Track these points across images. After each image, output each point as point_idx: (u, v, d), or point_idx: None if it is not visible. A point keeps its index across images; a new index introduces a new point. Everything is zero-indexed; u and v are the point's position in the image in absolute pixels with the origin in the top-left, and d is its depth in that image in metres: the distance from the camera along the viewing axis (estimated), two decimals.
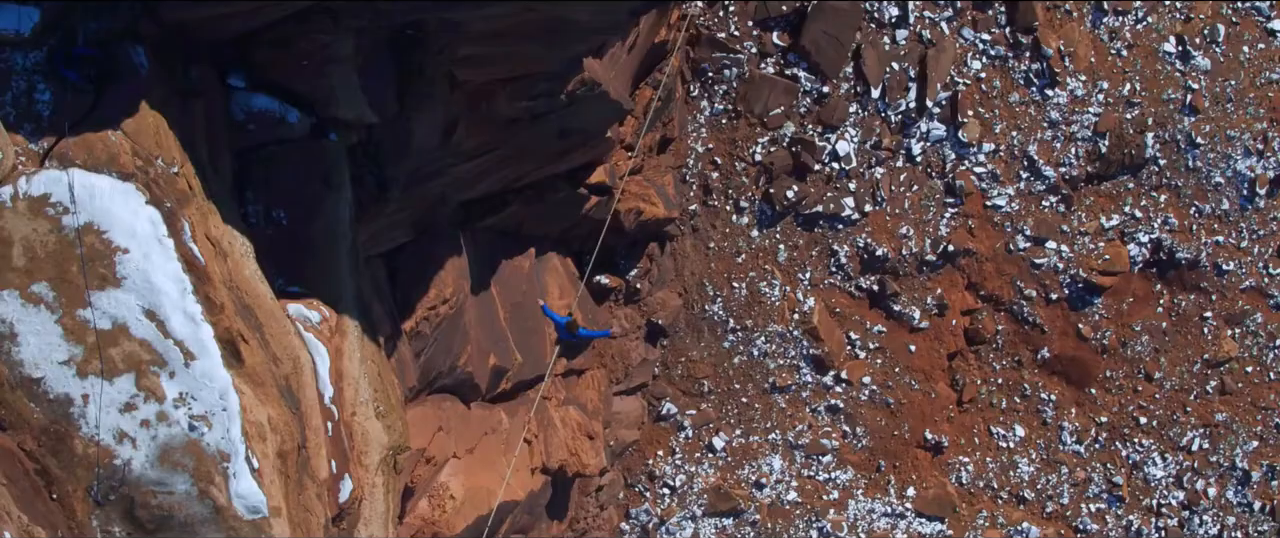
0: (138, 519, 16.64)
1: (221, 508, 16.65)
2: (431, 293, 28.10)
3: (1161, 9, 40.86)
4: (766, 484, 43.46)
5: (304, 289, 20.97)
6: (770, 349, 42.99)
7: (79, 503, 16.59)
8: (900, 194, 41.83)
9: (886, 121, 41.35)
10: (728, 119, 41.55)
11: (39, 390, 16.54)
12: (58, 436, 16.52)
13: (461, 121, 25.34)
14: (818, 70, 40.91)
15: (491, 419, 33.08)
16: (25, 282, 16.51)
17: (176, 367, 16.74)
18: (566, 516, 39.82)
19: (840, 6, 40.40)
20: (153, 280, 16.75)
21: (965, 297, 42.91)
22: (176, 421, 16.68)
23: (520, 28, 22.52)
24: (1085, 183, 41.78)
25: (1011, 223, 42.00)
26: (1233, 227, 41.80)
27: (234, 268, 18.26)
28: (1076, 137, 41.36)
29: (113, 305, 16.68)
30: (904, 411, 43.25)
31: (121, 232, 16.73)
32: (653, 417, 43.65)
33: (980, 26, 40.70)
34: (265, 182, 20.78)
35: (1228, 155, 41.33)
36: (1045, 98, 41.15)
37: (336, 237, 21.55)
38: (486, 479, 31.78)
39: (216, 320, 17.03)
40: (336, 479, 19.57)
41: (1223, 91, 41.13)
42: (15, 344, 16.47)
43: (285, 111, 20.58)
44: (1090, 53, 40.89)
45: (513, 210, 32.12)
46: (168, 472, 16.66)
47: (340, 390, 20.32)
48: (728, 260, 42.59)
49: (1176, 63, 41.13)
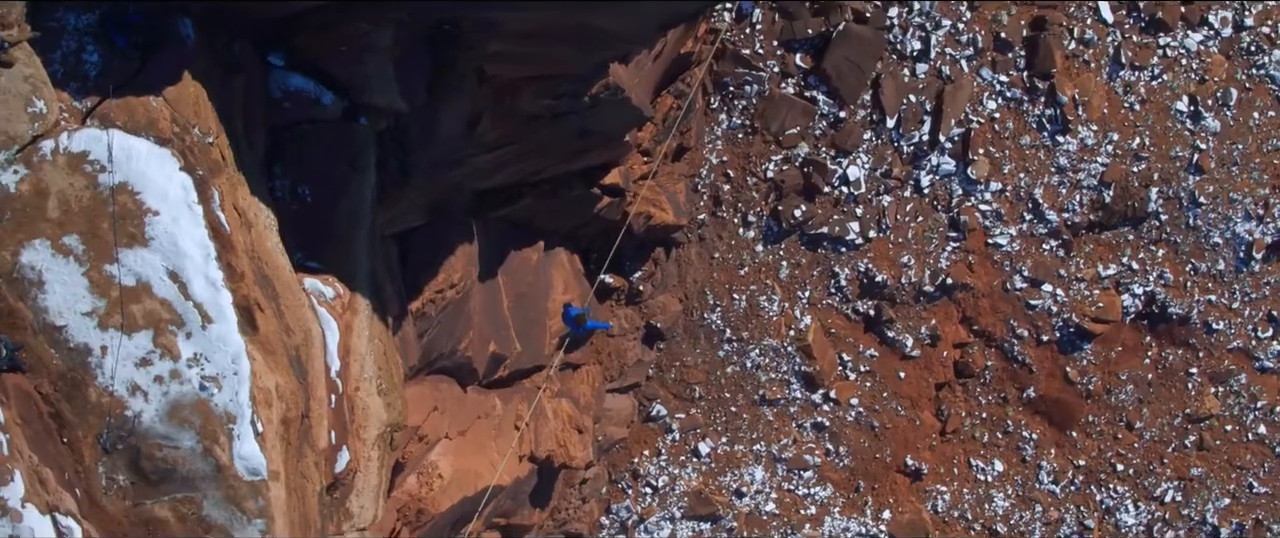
0: (142, 470, 17.09)
1: (223, 467, 17.13)
2: (440, 277, 28.36)
3: (1178, 68, 41.18)
4: (747, 493, 43.63)
5: (321, 265, 21.37)
6: (763, 362, 43.21)
7: (88, 449, 17.06)
8: (905, 223, 42.11)
9: (898, 151, 41.66)
10: (744, 134, 41.87)
11: (60, 338, 17.01)
12: (74, 383, 17.00)
13: (486, 114, 25.70)
14: (836, 95, 41.25)
15: (486, 404, 33.24)
16: (57, 233, 17.00)
17: (194, 328, 17.19)
18: (548, 504, 39.86)
19: (864, 35, 40.76)
20: (179, 244, 17.21)
21: (958, 330, 43.18)
22: (188, 379, 17.13)
23: (552, 30, 22.95)
24: (1086, 230, 42.08)
25: (1011, 262, 42.28)
26: (1226, 287, 42.13)
27: (257, 239, 18.72)
28: (1082, 184, 41.68)
29: (138, 264, 17.15)
30: (888, 435, 43.46)
31: (154, 194, 17.19)
32: (642, 417, 43.83)
33: (999, 68, 41.06)
34: (295, 159, 21.19)
35: (1228, 217, 41.64)
36: (1056, 143, 41.46)
37: (358, 218, 21.97)
38: (475, 462, 31.93)
39: (236, 288, 17.48)
40: (334, 450, 20.02)
41: (1229, 154, 41.48)
42: (42, 291, 16.95)
43: (320, 93, 21.02)
44: (1104, 104, 41.21)
45: (526, 203, 32.38)
46: (175, 428, 17.11)
47: (346, 365, 20.76)
48: (730, 272, 42.84)
49: (1187, 122, 41.46)
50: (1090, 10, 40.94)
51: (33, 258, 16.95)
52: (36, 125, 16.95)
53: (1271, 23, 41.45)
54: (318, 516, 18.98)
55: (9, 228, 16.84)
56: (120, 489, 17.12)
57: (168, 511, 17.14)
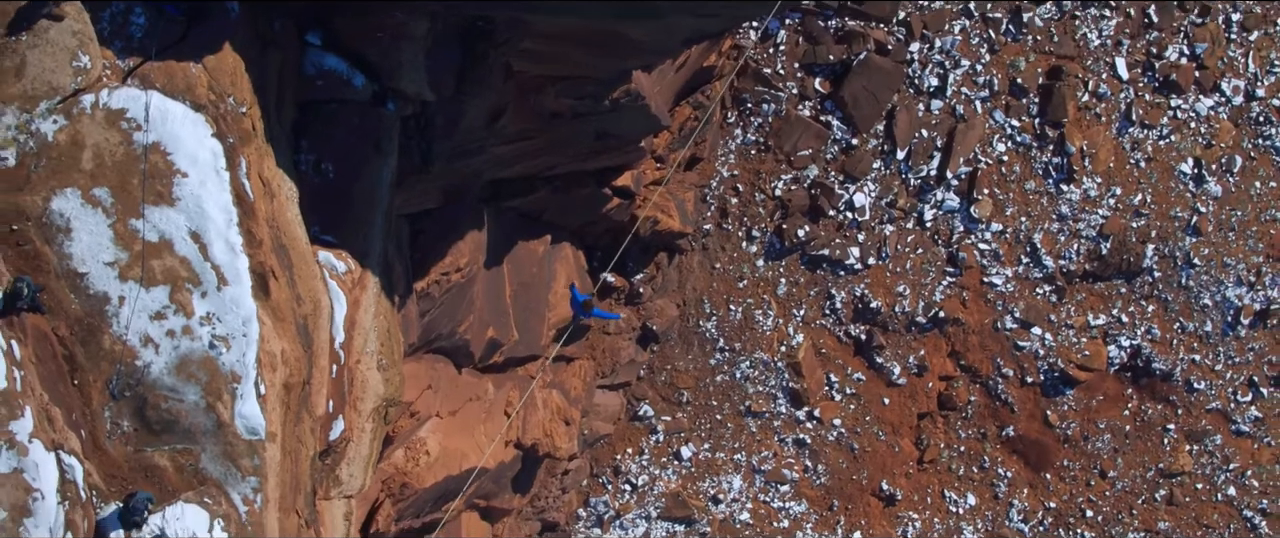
0: (146, 419, 17.51)
1: (224, 424, 17.56)
2: (447, 259, 28.78)
3: (1186, 130, 41.68)
4: (723, 500, 43.94)
5: (336, 240, 21.81)
6: (752, 374, 43.54)
7: (96, 393, 17.50)
8: (904, 254, 42.54)
9: (905, 183, 42.12)
10: (757, 150, 42.31)
11: (81, 284, 17.44)
12: (90, 328, 17.43)
13: (509, 108, 26.16)
14: (851, 122, 41.72)
15: (478, 387, 33.60)
16: (88, 184, 17.47)
17: (209, 288, 17.63)
18: (529, 491, 40.04)
19: (884, 66, 41.23)
20: (204, 206, 17.66)
21: (946, 363, 43.55)
22: (199, 337, 17.55)
23: (582, 35, 23.51)
24: (1080, 279, 42.53)
25: (1003, 303, 42.72)
26: (1211, 349, 42.55)
27: (278, 209, 19.19)
28: (1081, 234, 42.13)
29: (163, 222, 17.60)
30: (866, 458, 43.77)
31: (185, 156, 17.65)
32: (629, 415, 44.14)
33: (1012, 112, 41.52)
34: (321, 135, 21.64)
35: (1220, 281, 42.09)
36: (1059, 191, 41.93)
37: (376, 198, 22.42)
38: (462, 442, 32.26)
39: (253, 254, 17.91)
40: (331, 418, 20.49)
41: (1228, 219, 41.96)
42: (69, 238, 17.41)
43: (352, 75, 21.48)
44: (1111, 158, 41.69)
45: (538, 196, 32.90)
46: (182, 381, 17.53)
47: (350, 338, 21.22)
48: (730, 283, 43.20)
49: (1190, 184, 41.95)
50: (1106, 66, 41.44)
51: (63, 205, 17.41)
52: (79, 79, 17.45)
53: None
54: (309, 479, 19.48)
55: (43, 174, 17.33)
56: (123, 435, 17.57)
57: (167, 460, 17.56)
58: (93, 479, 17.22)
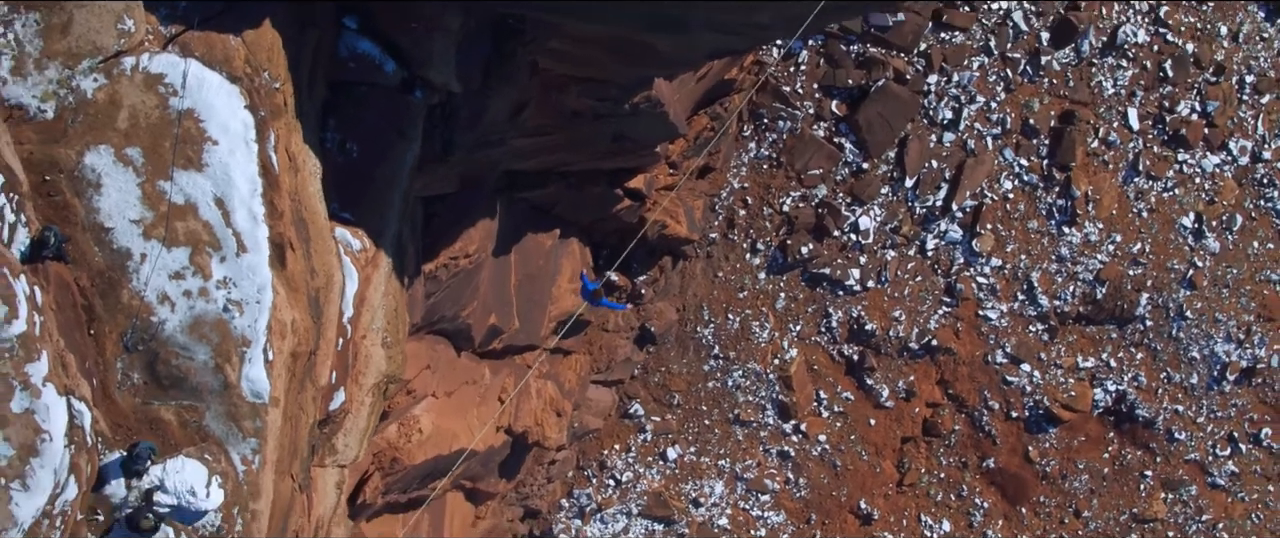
0: (156, 373, 17.90)
1: (230, 386, 17.97)
2: (457, 245, 29.02)
3: (1190, 185, 42.00)
4: (703, 504, 44.18)
5: (354, 218, 22.19)
6: (744, 384, 43.81)
7: (111, 344, 17.91)
8: (903, 280, 42.85)
9: (911, 211, 42.47)
10: (769, 165, 42.61)
11: (106, 238, 17.87)
12: (111, 282, 17.84)
13: (532, 104, 26.46)
14: (863, 146, 42.04)
15: (475, 372, 33.76)
16: (122, 143, 17.91)
17: (228, 254, 18.02)
18: (515, 477, 40.15)
19: (901, 95, 41.54)
20: (231, 175, 18.07)
21: (934, 390, 43.81)
22: (215, 299, 17.94)
23: (609, 41, 23.79)
24: (1073, 321, 42.83)
25: (996, 337, 43.02)
26: (1195, 401, 42.82)
27: (301, 183, 19.61)
28: (1078, 277, 42.44)
29: (190, 186, 18.02)
30: (847, 476, 44.00)
31: (217, 125, 18.09)
32: (620, 413, 44.38)
33: (1022, 151, 41.85)
34: (349, 116, 22.04)
35: (1210, 335, 42.40)
36: (1061, 233, 42.26)
37: (396, 182, 22.81)
38: (455, 424, 32.40)
39: (274, 224, 18.29)
40: (332, 389, 20.87)
41: (1223, 276, 42.26)
42: (98, 193, 17.85)
43: (384, 61, 21.87)
44: (1114, 205, 42.02)
45: (551, 191, 33.12)
46: (194, 341, 17.93)
47: (359, 314, 21.63)
48: (730, 292, 43.49)
49: (1189, 238, 42.27)
50: (1118, 114, 41.77)
51: (95, 161, 17.86)
52: (122, 41, 17.90)
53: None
54: (306, 446, 19.91)
55: (79, 130, 17.79)
56: (133, 387, 17.99)
57: (172, 414, 17.98)
58: (100, 427, 17.65)
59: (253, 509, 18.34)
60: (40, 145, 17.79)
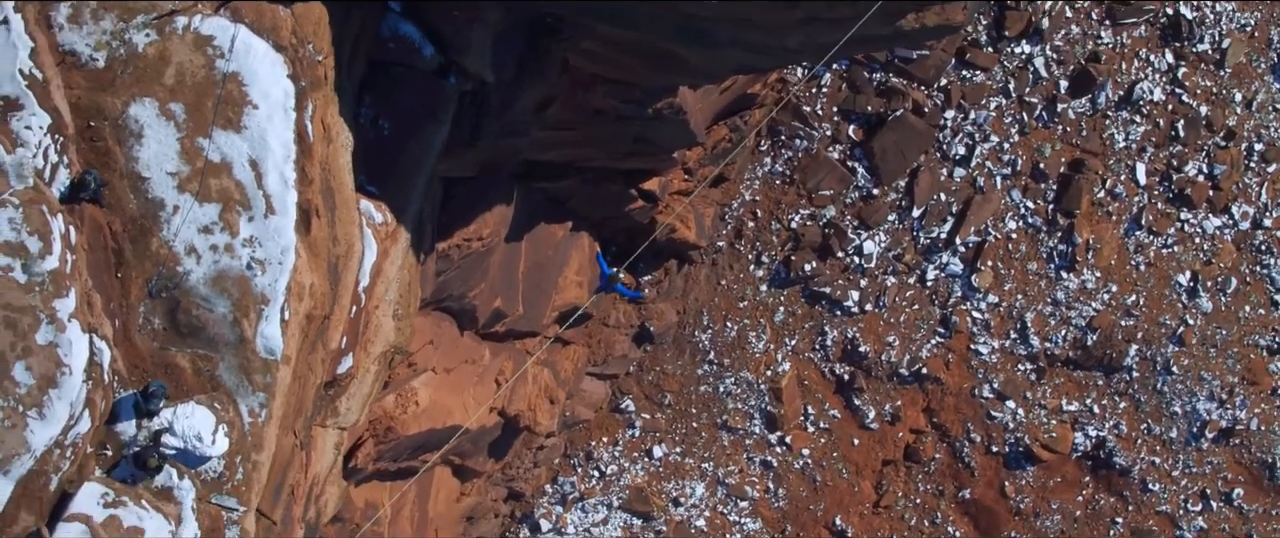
0: (176, 321, 18.46)
1: (246, 340, 18.52)
2: (472, 227, 29.32)
3: (1190, 244, 42.31)
4: (683, 504, 44.43)
5: (379, 192, 22.69)
6: (735, 391, 44.10)
7: (136, 289, 18.44)
8: (901, 307, 43.17)
9: (915, 241, 42.79)
10: (781, 181, 42.94)
11: (142, 187, 18.38)
12: (142, 229, 18.38)
13: (559, 99, 26.98)
14: (875, 173, 42.35)
15: (476, 352, 33.98)
16: (166, 98, 18.47)
17: (257, 214, 18.56)
18: (503, 458, 40.28)
19: (917, 127, 41.87)
20: (267, 139, 18.61)
21: (919, 417, 44.09)
22: (239, 256, 18.48)
23: (640, 48, 24.26)
24: (1062, 364, 43.13)
25: (985, 372, 43.34)
26: (1172, 455, 43.08)
27: (332, 154, 20.13)
28: (1071, 322, 42.75)
29: (227, 145, 18.57)
30: (825, 491, 44.25)
31: (259, 90, 18.63)
32: (611, 406, 44.64)
33: (1029, 194, 42.18)
34: (384, 95, 22.59)
35: (1193, 393, 42.68)
36: (1059, 278, 42.54)
37: (422, 162, 23.32)
38: (451, 400, 32.59)
39: (303, 191, 18.83)
40: (341, 354, 21.36)
41: (1212, 336, 42.56)
42: (139, 143, 18.40)
43: (423, 45, 22.41)
44: (1114, 256, 42.35)
45: (568, 184, 33.48)
46: (215, 293, 18.47)
47: (374, 285, 22.12)
48: (731, 301, 43.81)
49: (1183, 295, 42.56)
50: (1127, 168, 42.07)
51: (139, 112, 18.40)
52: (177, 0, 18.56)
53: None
54: (310, 405, 20.49)
55: (127, 81, 18.37)
56: (153, 331, 18.54)
57: (187, 361, 18.54)
58: (117, 366, 18.22)
59: (254, 460, 18.92)
60: (88, 92, 18.35)
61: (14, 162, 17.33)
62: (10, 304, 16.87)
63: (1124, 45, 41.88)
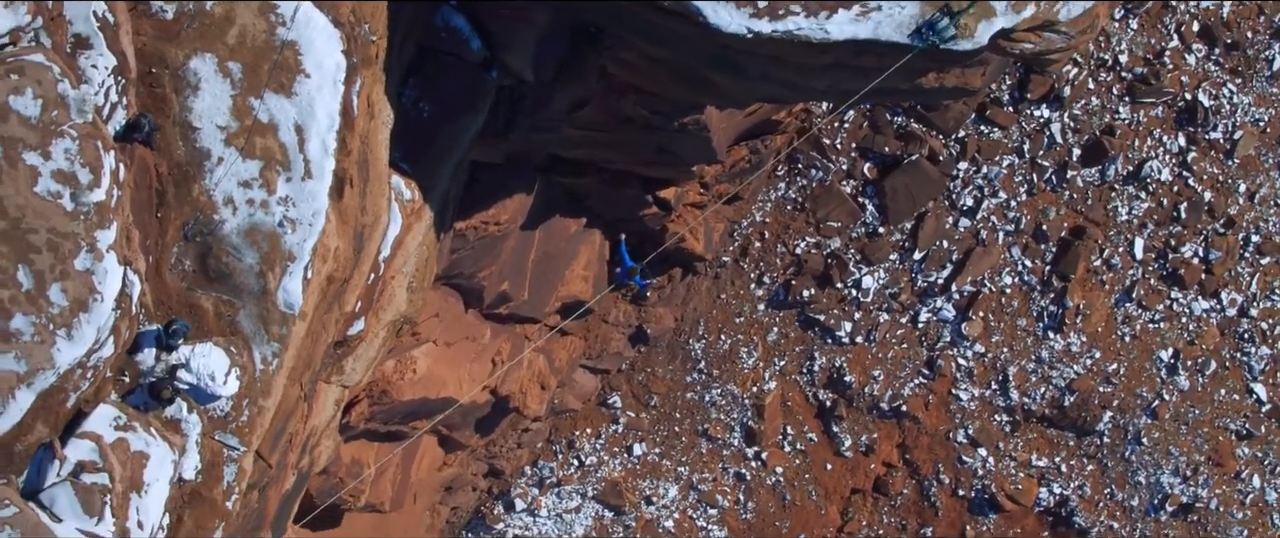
0: (206, 265, 19.16)
1: (268, 292, 19.19)
2: (491, 212, 30.13)
3: (1176, 322, 42.68)
4: (655, 503, 44.82)
5: (411, 170, 23.44)
6: (719, 402, 44.51)
7: (173, 230, 19.09)
8: (890, 344, 43.59)
9: (913, 282, 43.24)
10: (792, 207, 43.44)
11: (191, 136, 19.10)
12: (186, 175, 19.07)
13: (592, 103, 27.54)
14: (884, 212, 42.82)
15: (478, 330, 34.70)
16: (226, 56, 19.21)
17: (295, 176, 19.24)
18: (488, 435, 40.83)
19: (930, 173, 42.35)
20: (314, 107, 19.33)
21: (893, 452, 44.41)
22: (273, 213, 19.15)
23: (673, 66, 24.57)
24: (1037, 421, 43.51)
25: (962, 417, 43.72)
26: (1131, 522, 43.41)
27: (373, 129, 20.80)
28: (1052, 381, 43.16)
29: (276, 108, 19.27)
30: (793, 511, 44.57)
31: (313, 61, 19.37)
32: (599, 400, 45.00)
33: (1028, 252, 42.65)
34: (428, 80, 23.34)
35: (1159, 465, 43.04)
36: (1046, 337, 42.97)
37: (455, 147, 24.07)
38: (447, 373, 33.40)
39: (341, 160, 19.52)
40: (354, 317, 22.03)
41: (1185, 413, 42.91)
42: (195, 95, 19.12)
43: (471, 38, 23.20)
44: (1101, 324, 42.76)
45: (588, 182, 34.05)
46: (246, 244, 19.15)
47: (394, 256, 22.77)
48: (728, 315, 44.29)
49: (1162, 371, 42.96)
50: (1126, 241, 42.45)
51: (199, 66, 19.16)
52: None
53: (1271, 322, 42.89)
54: (319, 361, 21.23)
55: (191, 35, 19.15)
56: (182, 272, 19.22)
57: (210, 304, 19.22)
58: (145, 299, 18.86)
59: (261, 405, 19.61)
60: (154, 40, 19.07)
61: (77, 96, 18.02)
62: (55, 229, 17.48)
63: (1140, 123, 42.34)
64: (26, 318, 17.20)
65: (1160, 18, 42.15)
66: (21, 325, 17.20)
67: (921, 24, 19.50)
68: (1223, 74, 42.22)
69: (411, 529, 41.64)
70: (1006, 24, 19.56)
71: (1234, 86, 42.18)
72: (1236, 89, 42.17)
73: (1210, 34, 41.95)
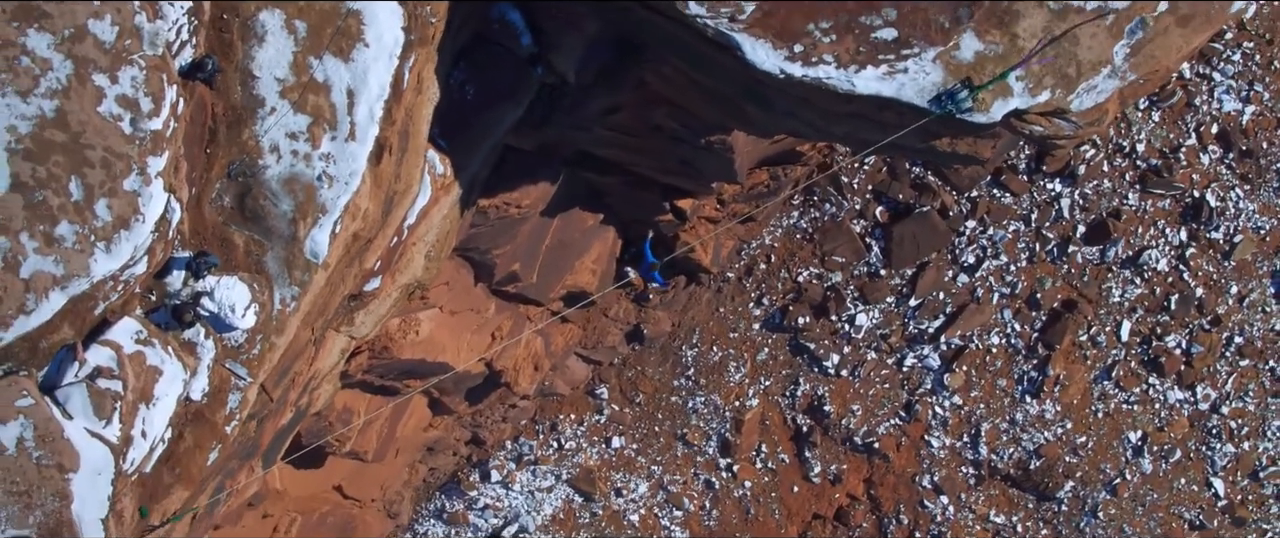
0: (244, 204, 20.07)
1: (297, 239, 20.10)
2: (515, 194, 30.53)
3: (1149, 407, 43.17)
4: (625, 496, 45.31)
5: (447, 148, 24.23)
6: (701, 410, 45.01)
7: (218, 166, 19.99)
8: (872, 381, 44.09)
9: (904, 327, 43.75)
10: (801, 237, 43.95)
11: (249, 83, 19.98)
12: (239, 118, 19.99)
13: (626, 109, 28.16)
14: (888, 255, 43.31)
15: (483, 303, 35.16)
16: (294, 15, 20.09)
17: (340, 135, 20.16)
18: (476, 405, 41.31)
19: (938, 226, 42.88)
20: (368, 76, 20.23)
21: (859, 485, 44.86)
22: (314, 166, 20.06)
23: (709, 88, 25.16)
24: (1001, 479, 43.97)
25: (930, 463, 44.20)
26: None
27: (418, 104, 21.62)
28: (1021, 443, 43.66)
29: (332, 70, 20.17)
30: (754, 525, 45.01)
31: (374, 32, 20.28)
32: (587, 389, 45.47)
33: (1019, 317, 43.13)
34: (477, 66, 24.16)
35: None
36: (1022, 400, 43.47)
37: (492, 133, 24.86)
38: (447, 339, 33.78)
39: (384, 128, 20.40)
40: (372, 275, 22.91)
41: (1144, 496, 43.37)
42: (259, 45, 20.03)
43: (523, 34, 24.03)
44: (1077, 395, 43.28)
45: (611, 181, 34.49)
46: (283, 191, 20.05)
47: (418, 225, 23.61)
48: (723, 329, 44.85)
49: (1129, 452, 43.41)
50: (1114, 322, 42.93)
51: (268, 19, 20.03)
52: None
53: (1240, 423, 43.30)
54: (333, 310, 22.13)
55: None
56: (220, 207, 20.08)
57: (242, 241, 20.11)
58: (183, 227, 19.75)
59: (273, 342, 20.48)
60: None
61: (151, 30, 18.93)
62: (111, 148, 18.38)
63: (1146, 212, 42.85)
64: (71, 226, 18.07)
65: (1182, 114, 42.61)
66: (65, 232, 18.08)
67: (942, 92, 20.37)
68: (1233, 178, 42.70)
69: (389, 482, 42.24)
70: (1020, 105, 20.42)
71: (1242, 192, 42.70)
72: (1244, 195, 42.69)
73: (1227, 138, 42.45)
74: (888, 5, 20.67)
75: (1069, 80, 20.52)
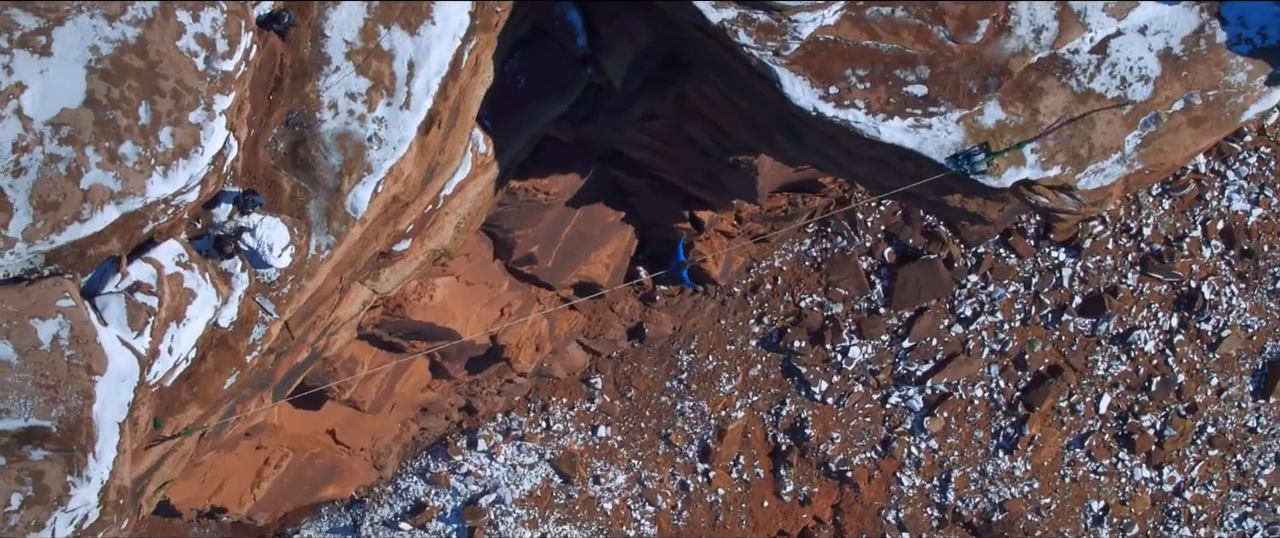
0: (295, 152, 20.87)
1: (340, 191, 20.88)
2: (546, 181, 31.40)
3: (1116, 479, 43.65)
4: (602, 484, 45.62)
5: (491, 129, 25.05)
6: (688, 414, 45.37)
7: (278, 113, 20.75)
8: (855, 412, 44.50)
9: (894, 366, 44.20)
10: (809, 264, 44.41)
11: (319, 41, 20.73)
12: (305, 71, 20.76)
13: (663, 117, 28.85)
14: (889, 295, 43.82)
15: (497, 279, 35.92)
16: None
17: (396, 102, 20.95)
18: (475, 375, 41.78)
19: (941, 275, 43.38)
20: (430, 51, 21.04)
21: (827, 509, 45.17)
22: (367, 127, 20.86)
23: (745, 112, 26.11)
24: (963, 526, 44.39)
25: (898, 500, 44.58)
26: None
27: (472, 85, 22.41)
28: (988, 495, 44.08)
29: (397, 40, 20.98)
30: (721, 531, 45.37)
31: (442, 13, 21.09)
32: (582, 377, 45.85)
33: (1005, 374, 43.66)
34: (531, 57, 24.97)
35: None
36: (995, 454, 43.93)
37: (535, 123, 25.56)
38: (458, 308, 34.60)
39: (437, 102, 21.17)
40: (403, 236, 23.73)
41: None
42: (334, 8, 20.70)
43: (580, 35, 24.80)
44: (1049, 458, 43.71)
45: (638, 182, 35.00)
46: (334, 145, 20.85)
47: (454, 196, 24.34)
48: (721, 340, 45.30)
49: (1089, 520, 43.81)
50: (1094, 393, 43.41)
51: None
52: None
53: (1200, 509, 43.59)
54: (362, 263, 22.96)
55: None
56: (274, 152, 20.85)
57: (289, 186, 20.90)
58: (237, 165, 20.53)
59: (303, 284, 21.25)
60: None
61: None
62: (183, 82, 19.12)
63: (1142, 293, 43.34)
64: (135, 147, 18.80)
65: (1192, 206, 43.13)
66: (128, 152, 18.80)
67: (960, 152, 21.27)
68: (1230, 275, 43.18)
69: (380, 434, 42.92)
70: (1031, 176, 21.31)
71: (1237, 289, 43.17)
72: (1238, 292, 43.15)
73: (1231, 236, 42.98)
74: (923, 64, 21.55)
75: (1080, 160, 21.37)
